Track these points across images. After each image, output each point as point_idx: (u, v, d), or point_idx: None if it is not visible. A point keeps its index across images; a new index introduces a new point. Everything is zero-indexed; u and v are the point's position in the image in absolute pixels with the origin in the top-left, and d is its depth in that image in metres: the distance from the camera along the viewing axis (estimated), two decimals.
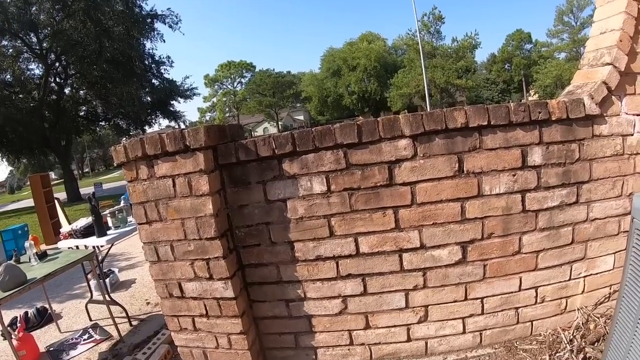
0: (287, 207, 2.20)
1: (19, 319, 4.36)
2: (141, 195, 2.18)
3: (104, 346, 3.54)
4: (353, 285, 2.27)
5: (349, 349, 2.41)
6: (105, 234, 3.71)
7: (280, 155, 2.13)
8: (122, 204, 4.29)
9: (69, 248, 3.80)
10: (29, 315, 4.42)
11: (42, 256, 3.47)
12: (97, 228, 3.68)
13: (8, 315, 4.56)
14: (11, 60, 18.16)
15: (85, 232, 3.86)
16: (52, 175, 67.30)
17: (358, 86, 48.88)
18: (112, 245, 3.85)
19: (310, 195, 2.17)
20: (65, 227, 8.99)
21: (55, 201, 8.98)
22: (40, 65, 19.53)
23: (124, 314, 3.80)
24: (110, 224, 3.90)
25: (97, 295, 4.58)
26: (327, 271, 2.26)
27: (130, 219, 4.10)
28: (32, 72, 20.10)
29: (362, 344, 2.40)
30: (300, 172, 2.15)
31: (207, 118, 56.70)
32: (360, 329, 2.36)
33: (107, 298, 3.77)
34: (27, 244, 3.49)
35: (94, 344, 3.61)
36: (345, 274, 2.25)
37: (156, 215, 2.19)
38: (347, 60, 49.66)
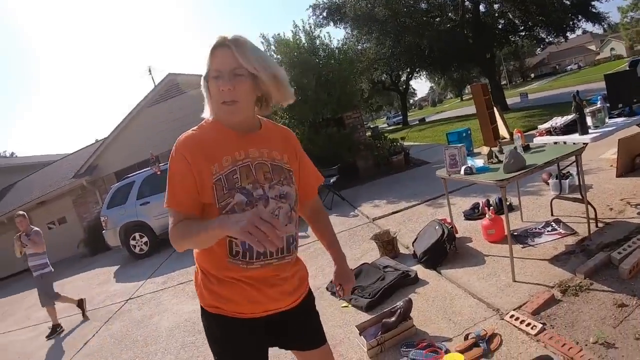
0: None
1: (480, 204, 5.20)
2: None
3: (569, 240, 3.77)
4: None
5: None
6: (587, 132, 3.80)
7: None
8: (598, 104, 4.23)
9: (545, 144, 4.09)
10: (491, 202, 5.17)
11: (525, 148, 3.90)
12: (581, 126, 3.78)
13: (469, 202, 5.62)
14: None
15: (566, 130, 4.04)
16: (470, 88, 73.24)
17: None
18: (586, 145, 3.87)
19: None
20: (504, 132, 9.78)
21: (494, 108, 9.79)
22: None
23: (585, 215, 3.84)
24: (589, 123, 3.93)
25: (553, 194, 4.89)
26: None
27: (607, 120, 4.03)
28: None
29: None
30: None
31: (628, 19, 46.85)
32: None
33: (579, 196, 3.91)
34: (515, 137, 4.00)
35: (558, 236, 3.91)
36: None
37: None
38: None
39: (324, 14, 22.03)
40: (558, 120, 4.21)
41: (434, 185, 7.13)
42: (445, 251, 4.00)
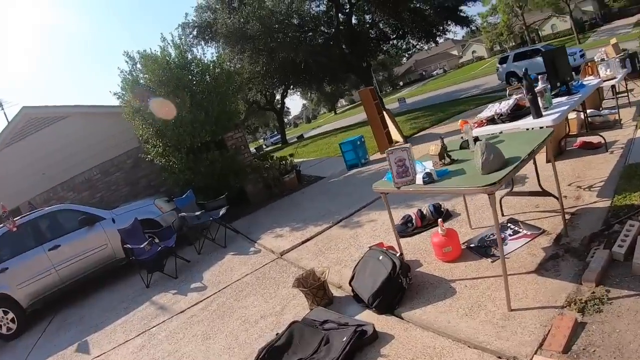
0: None
1: (413, 217, 4.34)
2: None
3: (543, 241, 3.10)
4: None
5: None
6: (542, 115, 3.14)
7: None
8: (540, 84, 3.63)
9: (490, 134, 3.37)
10: (424, 212, 4.36)
11: (476, 141, 3.10)
12: (535, 108, 3.14)
13: (399, 214, 4.65)
14: (299, 2, 19.78)
15: (513, 115, 3.36)
16: (343, 102, 75.34)
17: None
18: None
19: None
20: (396, 137, 9.32)
21: (384, 112, 9.32)
22: (322, 1, 20.95)
23: (539, 209, 3.32)
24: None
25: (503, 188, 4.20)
26: None
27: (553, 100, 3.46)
28: (318, 9, 21.60)
29: None
30: None
31: (488, 22, 52.43)
32: None
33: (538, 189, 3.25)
34: (465, 128, 3.15)
35: (527, 238, 3.23)
36: None
37: None
38: None
39: (194, 32, 20.62)
40: (499, 106, 3.52)
41: (339, 201, 6.28)
42: (402, 288, 2.97)
